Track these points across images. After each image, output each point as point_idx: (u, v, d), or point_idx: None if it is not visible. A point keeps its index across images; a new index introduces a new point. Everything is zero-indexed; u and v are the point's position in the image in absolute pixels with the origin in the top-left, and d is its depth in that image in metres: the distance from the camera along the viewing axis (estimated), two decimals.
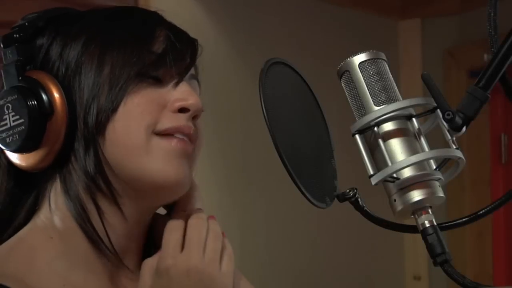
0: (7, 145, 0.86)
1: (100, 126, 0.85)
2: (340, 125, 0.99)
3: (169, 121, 0.87)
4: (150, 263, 0.87)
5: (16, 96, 0.86)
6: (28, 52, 0.89)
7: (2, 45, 0.89)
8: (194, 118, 0.90)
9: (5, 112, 0.86)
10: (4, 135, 0.86)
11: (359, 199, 0.81)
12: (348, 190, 0.81)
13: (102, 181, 0.86)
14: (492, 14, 0.78)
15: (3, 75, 0.88)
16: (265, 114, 0.77)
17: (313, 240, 2.73)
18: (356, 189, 0.81)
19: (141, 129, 0.86)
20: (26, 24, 0.89)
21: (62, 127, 0.86)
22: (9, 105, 0.86)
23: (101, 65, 0.87)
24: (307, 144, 0.82)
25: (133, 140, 0.86)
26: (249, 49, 2.53)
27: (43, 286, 0.84)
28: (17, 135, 0.85)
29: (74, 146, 0.86)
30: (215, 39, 2.45)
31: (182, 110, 0.88)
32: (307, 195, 0.77)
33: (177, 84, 0.90)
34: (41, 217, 0.89)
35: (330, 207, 0.81)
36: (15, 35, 0.88)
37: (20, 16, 0.92)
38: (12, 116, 0.86)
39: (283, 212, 2.60)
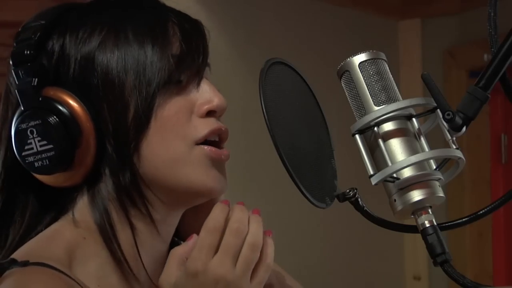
0: (35, 170, 0.85)
1: (133, 144, 0.84)
2: (340, 125, 0.98)
3: (202, 127, 0.87)
4: (178, 252, 0.84)
5: (40, 121, 0.83)
6: (41, 69, 0.85)
7: (11, 63, 0.85)
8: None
9: (29, 136, 0.84)
10: (31, 159, 0.84)
11: (359, 199, 0.81)
12: (348, 190, 0.81)
13: (137, 196, 0.85)
14: (492, 14, 0.78)
15: (18, 95, 0.85)
16: (265, 114, 0.77)
17: (313, 240, 2.73)
18: (356, 189, 0.81)
19: (178, 140, 0.85)
20: (33, 36, 0.85)
21: (91, 148, 0.84)
22: (33, 129, 0.84)
23: (123, 81, 0.85)
24: (307, 144, 0.82)
25: (172, 153, 0.85)
26: (249, 49, 2.53)
27: (83, 279, 0.83)
28: (46, 160, 0.84)
29: (105, 162, 0.85)
30: (215, 39, 2.45)
31: (210, 113, 0.88)
32: (307, 195, 0.77)
33: (198, 83, 0.89)
34: (69, 222, 0.87)
35: (330, 207, 0.81)
36: (26, 52, 0.84)
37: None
38: (38, 141, 0.84)
39: (283, 212, 2.59)
